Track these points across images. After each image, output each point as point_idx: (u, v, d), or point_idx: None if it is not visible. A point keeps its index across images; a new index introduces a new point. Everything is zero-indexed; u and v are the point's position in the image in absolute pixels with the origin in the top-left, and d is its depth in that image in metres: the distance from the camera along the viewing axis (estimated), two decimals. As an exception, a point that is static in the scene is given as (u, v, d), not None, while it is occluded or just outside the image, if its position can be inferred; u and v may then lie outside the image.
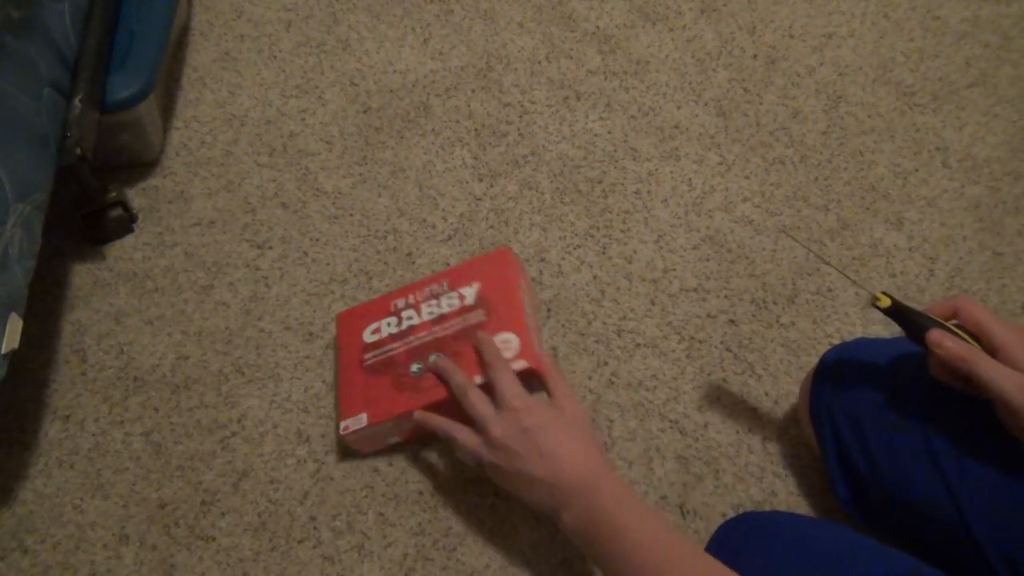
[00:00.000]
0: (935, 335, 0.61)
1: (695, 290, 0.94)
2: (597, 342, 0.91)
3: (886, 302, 0.66)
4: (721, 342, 0.91)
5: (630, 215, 1.00)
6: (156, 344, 0.91)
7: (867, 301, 0.68)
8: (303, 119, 1.09)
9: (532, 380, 0.77)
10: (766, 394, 0.87)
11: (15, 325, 0.73)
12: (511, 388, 0.71)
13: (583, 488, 0.65)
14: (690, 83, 1.12)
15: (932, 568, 0.58)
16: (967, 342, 0.61)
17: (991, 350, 0.60)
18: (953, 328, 0.62)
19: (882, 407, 0.68)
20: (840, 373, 0.73)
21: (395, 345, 0.82)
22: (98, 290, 0.94)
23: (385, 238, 0.99)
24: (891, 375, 0.70)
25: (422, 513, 0.80)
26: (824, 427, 0.73)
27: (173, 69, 1.12)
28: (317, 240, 0.98)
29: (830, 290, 0.94)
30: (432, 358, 0.79)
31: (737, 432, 0.85)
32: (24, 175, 0.77)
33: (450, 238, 0.98)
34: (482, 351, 0.76)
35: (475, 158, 1.05)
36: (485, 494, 0.81)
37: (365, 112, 1.10)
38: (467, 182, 1.03)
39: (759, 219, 1.00)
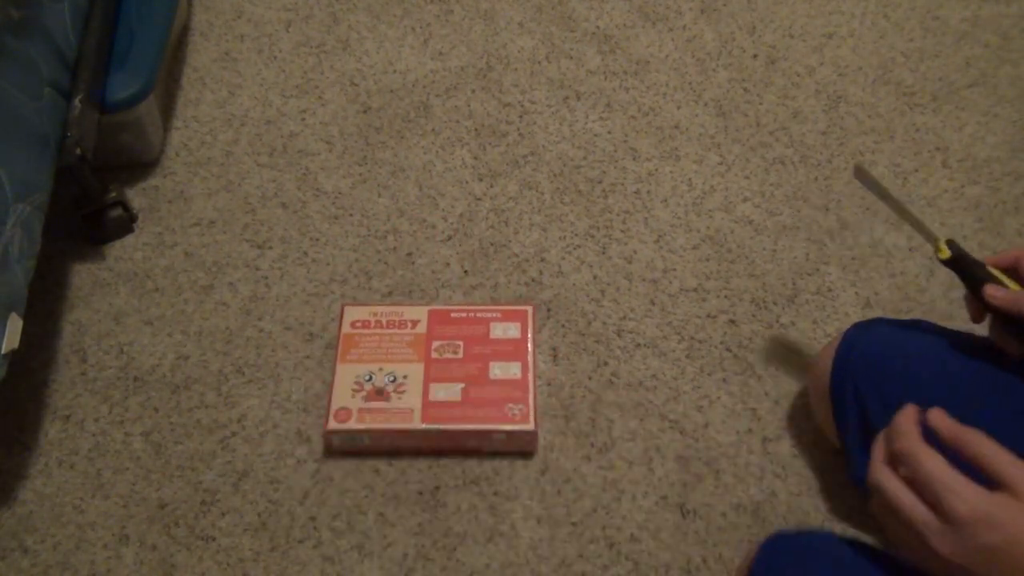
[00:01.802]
0: (990, 288, 0.63)
1: (695, 290, 0.94)
2: (597, 342, 0.91)
3: (946, 254, 0.66)
4: (721, 342, 0.91)
5: (630, 215, 1.00)
6: (156, 344, 0.91)
7: (933, 249, 0.69)
8: (303, 119, 1.09)
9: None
10: (766, 394, 0.87)
11: (15, 325, 0.73)
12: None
13: None
14: (690, 83, 1.12)
15: None
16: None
17: None
18: (1009, 281, 0.64)
19: (914, 377, 0.68)
20: (868, 343, 0.72)
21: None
22: (98, 290, 0.94)
23: (385, 238, 0.99)
24: (924, 346, 0.69)
25: (422, 513, 0.80)
26: (846, 401, 0.71)
27: (173, 69, 1.12)
28: (317, 240, 0.98)
29: (830, 290, 0.94)
30: None
31: (737, 432, 0.85)
32: (24, 175, 0.77)
33: (450, 238, 0.98)
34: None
35: (475, 158, 1.05)
36: (485, 494, 0.81)
37: (365, 112, 1.10)
38: (467, 182, 1.03)
39: (759, 219, 1.00)
